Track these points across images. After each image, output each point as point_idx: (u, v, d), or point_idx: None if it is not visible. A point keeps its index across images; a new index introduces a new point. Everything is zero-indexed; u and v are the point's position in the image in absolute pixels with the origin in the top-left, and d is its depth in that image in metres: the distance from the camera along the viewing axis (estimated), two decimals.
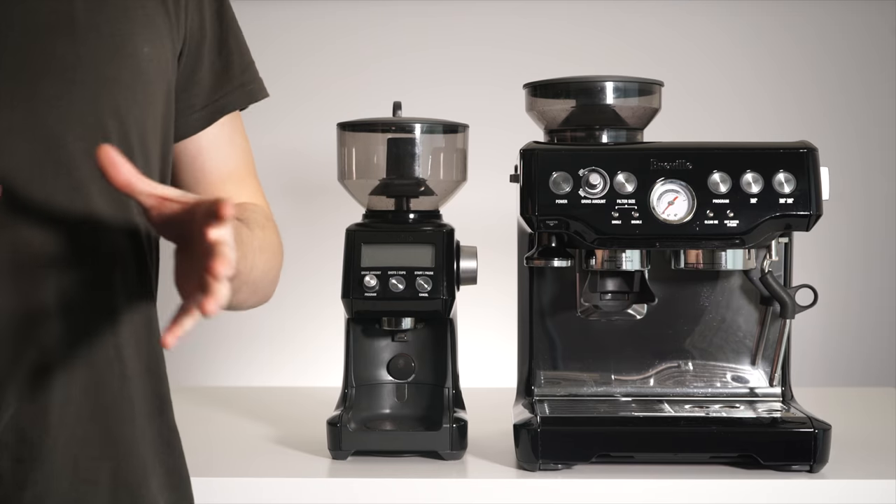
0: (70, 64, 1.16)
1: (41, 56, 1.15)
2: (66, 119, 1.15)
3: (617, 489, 1.48)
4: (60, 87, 1.15)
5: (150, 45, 1.21)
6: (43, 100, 1.14)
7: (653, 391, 1.66)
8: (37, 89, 1.14)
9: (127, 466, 1.20)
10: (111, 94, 1.18)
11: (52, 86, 1.15)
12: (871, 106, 2.35)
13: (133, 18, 1.21)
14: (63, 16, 1.17)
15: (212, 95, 1.33)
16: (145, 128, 1.22)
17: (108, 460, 1.18)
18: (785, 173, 1.51)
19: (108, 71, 1.18)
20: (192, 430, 1.73)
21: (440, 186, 1.67)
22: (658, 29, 2.35)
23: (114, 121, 1.18)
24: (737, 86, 2.35)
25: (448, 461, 1.57)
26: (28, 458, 1.14)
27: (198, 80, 1.31)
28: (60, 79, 1.15)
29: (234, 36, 1.35)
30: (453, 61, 2.35)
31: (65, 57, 1.16)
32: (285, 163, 2.34)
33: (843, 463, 1.53)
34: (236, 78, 1.35)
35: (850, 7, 2.34)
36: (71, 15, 1.17)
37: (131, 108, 1.20)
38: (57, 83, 1.15)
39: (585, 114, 1.61)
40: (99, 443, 1.18)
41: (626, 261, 1.56)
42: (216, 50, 1.33)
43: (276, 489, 1.49)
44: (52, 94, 1.15)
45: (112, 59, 1.18)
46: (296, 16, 2.34)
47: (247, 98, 1.37)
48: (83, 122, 1.16)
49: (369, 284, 1.57)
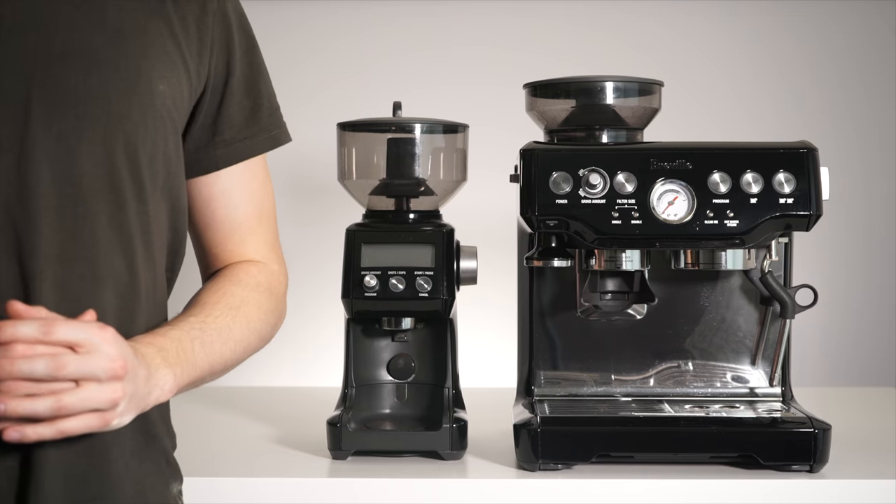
0: (83, 97, 1.16)
1: (55, 88, 1.15)
2: (77, 153, 1.15)
3: (617, 489, 1.48)
4: (73, 120, 1.15)
5: (165, 82, 1.21)
6: (55, 132, 1.14)
7: (653, 391, 1.66)
8: (49, 121, 1.14)
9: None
10: (123, 130, 1.18)
11: (64, 119, 1.15)
12: (871, 106, 2.35)
13: (152, 56, 1.21)
14: (81, 48, 1.17)
15: (240, 133, 1.33)
16: (157, 163, 1.22)
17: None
18: (785, 173, 1.51)
19: (120, 106, 1.18)
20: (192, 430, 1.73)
21: (440, 186, 1.67)
22: (657, 29, 2.35)
23: (124, 156, 1.18)
24: (737, 86, 2.35)
25: (448, 461, 1.57)
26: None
27: (227, 115, 1.32)
28: (73, 112, 1.15)
29: (263, 79, 1.36)
30: (453, 61, 2.35)
31: (79, 90, 1.16)
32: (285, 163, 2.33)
33: (843, 463, 1.53)
34: (264, 121, 1.35)
35: (850, 7, 2.34)
36: (89, 48, 1.17)
37: (142, 144, 1.20)
38: (69, 116, 1.15)
39: (585, 114, 1.61)
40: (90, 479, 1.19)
41: (626, 261, 1.56)
42: (244, 89, 1.33)
43: (276, 489, 1.49)
44: (65, 128, 1.15)
45: (127, 95, 1.18)
46: (297, 16, 2.34)
47: (271, 144, 1.37)
48: (93, 156, 1.16)
49: (369, 284, 1.57)
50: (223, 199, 1.35)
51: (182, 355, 1.20)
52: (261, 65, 1.36)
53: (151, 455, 1.25)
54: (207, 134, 1.31)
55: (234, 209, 1.36)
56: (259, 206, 1.38)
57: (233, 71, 1.31)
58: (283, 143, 1.39)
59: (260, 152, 1.36)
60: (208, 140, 1.31)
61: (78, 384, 1.06)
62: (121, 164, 1.18)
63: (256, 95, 1.34)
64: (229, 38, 1.30)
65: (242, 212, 1.36)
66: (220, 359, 1.26)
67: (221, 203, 1.35)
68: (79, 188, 1.15)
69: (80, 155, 1.15)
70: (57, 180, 1.14)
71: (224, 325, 1.27)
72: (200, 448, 1.64)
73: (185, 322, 1.24)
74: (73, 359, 1.06)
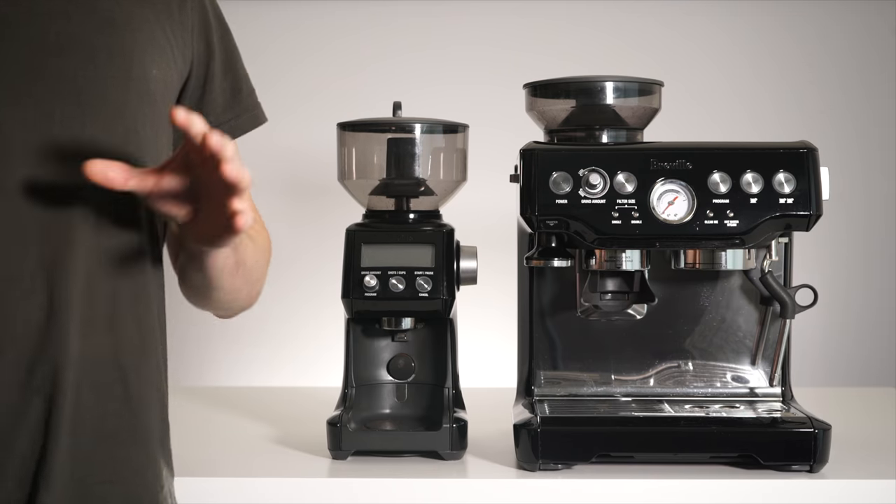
0: (82, 86, 1.16)
1: (53, 77, 1.16)
2: (79, 141, 1.16)
3: (617, 489, 1.48)
4: (74, 108, 1.16)
5: (157, 66, 1.23)
6: (56, 121, 1.15)
7: (653, 391, 1.66)
8: (50, 111, 1.15)
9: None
10: (123, 116, 1.19)
11: (65, 107, 1.15)
12: (871, 106, 2.35)
13: (142, 42, 1.22)
14: (74, 38, 1.18)
15: (224, 114, 1.35)
16: (157, 148, 1.23)
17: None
18: (785, 173, 1.51)
19: (118, 94, 1.19)
20: (192, 430, 1.73)
21: (440, 186, 1.67)
22: (658, 29, 2.35)
23: (125, 142, 1.19)
24: (737, 86, 2.35)
25: (448, 461, 1.57)
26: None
27: (210, 98, 1.33)
28: (74, 101, 1.16)
29: (238, 60, 1.38)
30: (453, 61, 2.35)
31: (76, 79, 1.16)
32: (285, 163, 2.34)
33: (843, 463, 1.53)
34: (244, 101, 1.37)
35: (850, 7, 2.34)
36: (81, 37, 1.18)
37: (142, 129, 1.21)
38: (70, 105, 1.16)
39: (585, 114, 1.61)
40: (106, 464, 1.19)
41: (626, 261, 1.56)
42: (223, 71, 1.35)
43: (276, 489, 1.49)
44: (65, 116, 1.16)
45: (123, 82, 1.19)
46: (296, 16, 2.34)
47: (253, 122, 1.39)
48: (95, 144, 1.17)
49: (369, 284, 1.57)
50: None
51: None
52: (235, 48, 1.38)
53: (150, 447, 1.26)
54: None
55: None
56: None
57: (213, 54, 1.33)
58: (262, 123, 1.41)
59: (244, 132, 1.38)
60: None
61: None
62: (122, 150, 1.18)
63: (235, 77, 1.36)
64: (206, 23, 1.32)
65: None
66: (252, 253, 1.30)
67: None
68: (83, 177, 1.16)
69: (83, 143, 1.16)
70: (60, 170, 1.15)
71: (251, 233, 1.30)
72: (200, 448, 1.64)
73: None
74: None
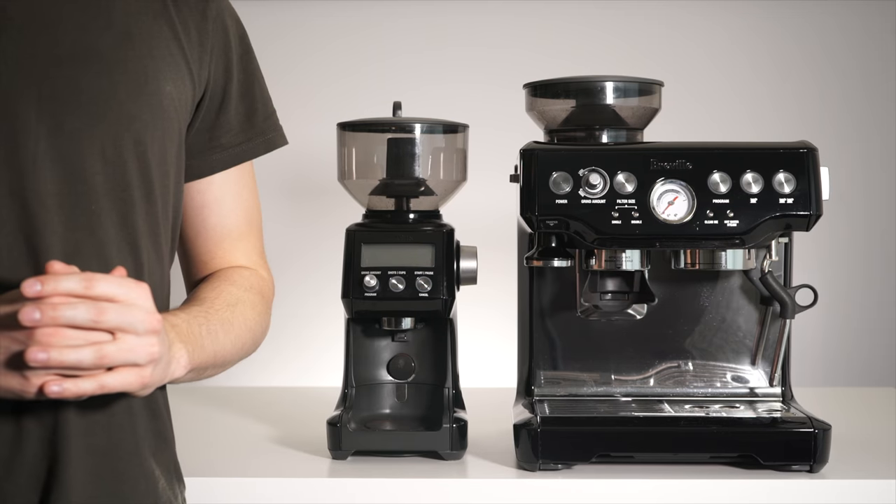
0: (94, 98, 1.16)
1: (66, 89, 1.16)
2: (89, 152, 1.16)
3: (617, 489, 1.48)
4: (85, 120, 1.16)
5: (171, 83, 1.23)
6: (66, 132, 1.15)
7: (653, 391, 1.66)
8: (61, 121, 1.15)
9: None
10: (133, 130, 1.19)
11: (76, 119, 1.15)
12: (871, 106, 2.35)
13: (158, 57, 1.22)
14: (89, 50, 1.18)
15: (237, 137, 1.35)
16: (166, 164, 1.23)
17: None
18: (785, 173, 1.51)
19: (131, 107, 1.19)
20: (192, 430, 1.73)
21: (440, 186, 1.67)
22: (658, 29, 2.35)
23: (133, 156, 1.19)
24: (737, 86, 2.35)
25: (448, 461, 1.57)
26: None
27: (224, 120, 1.33)
28: (85, 112, 1.16)
29: (258, 84, 1.37)
30: (453, 61, 2.35)
31: (89, 90, 1.16)
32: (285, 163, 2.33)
33: (843, 463, 1.53)
34: (259, 125, 1.37)
35: (850, 7, 2.34)
36: (97, 49, 1.18)
37: (151, 144, 1.21)
38: (81, 116, 1.16)
39: (585, 114, 1.61)
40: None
41: (626, 261, 1.56)
42: (240, 94, 1.34)
43: (276, 489, 1.49)
44: (76, 127, 1.16)
45: (136, 96, 1.19)
46: (296, 16, 2.34)
47: (266, 147, 1.39)
48: (104, 156, 1.17)
49: (369, 284, 1.57)
50: (216, 206, 1.36)
51: (192, 336, 1.21)
52: (256, 70, 1.37)
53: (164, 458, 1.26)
54: (204, 139, 1.33)
55: (226, 216, 1.37)
56: (248, 214, 1.40)
57: (231, 77, 1.33)
58: (278, 147, 1.40)
59: (255, 156, 1.38)
60: (204, 145, 1.33)
61: (115, 337, 1.07)
62: (130, 164, 1.19)
63: (251, 100, 1.36)
64: (227, 45, 1.32)
65: (233, 219, 1.38)
66: (222, 349, 1.27)
67: (214, 210, 1.36)
68: (90, 187, 1.16)
69: (92, 154, 1.16)
70: (68, 179, 1.15)
71: (225, 317, 1.28)
72: (200, 448, 1.64)
73: (189, 310, 1.26)
74: (114, 307, 1.06)
